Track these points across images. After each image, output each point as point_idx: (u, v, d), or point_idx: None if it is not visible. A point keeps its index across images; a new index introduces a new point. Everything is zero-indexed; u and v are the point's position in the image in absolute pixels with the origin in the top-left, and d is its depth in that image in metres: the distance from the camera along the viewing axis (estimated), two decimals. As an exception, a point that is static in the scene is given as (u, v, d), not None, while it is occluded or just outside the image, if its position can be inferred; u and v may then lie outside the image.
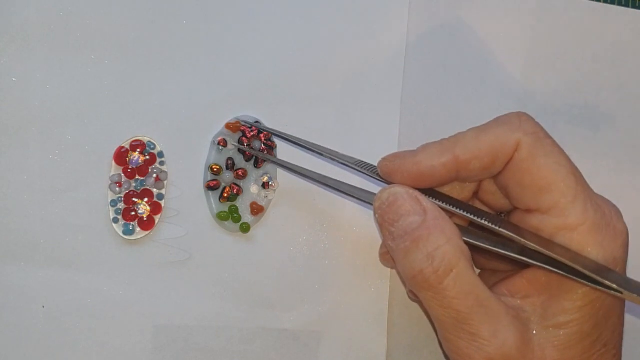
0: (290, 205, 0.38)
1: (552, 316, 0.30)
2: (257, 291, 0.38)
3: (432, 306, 0.30)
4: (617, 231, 0.30)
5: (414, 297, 0.36)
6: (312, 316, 0.38)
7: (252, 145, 0.38)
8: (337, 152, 0.36)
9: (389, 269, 0.39)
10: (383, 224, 0.32)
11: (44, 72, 0.36)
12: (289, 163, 0.37)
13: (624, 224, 0.31)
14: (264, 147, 0.38)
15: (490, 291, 0.30)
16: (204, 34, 0.38)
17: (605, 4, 0.42)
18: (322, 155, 0.36)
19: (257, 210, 0.38)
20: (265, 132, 0.38)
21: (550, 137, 0.32)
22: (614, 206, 0.32)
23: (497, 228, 0.31)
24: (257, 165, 0.38)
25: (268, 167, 0.38)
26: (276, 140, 0.38)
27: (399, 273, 0.39)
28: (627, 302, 0.32)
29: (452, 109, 0.40)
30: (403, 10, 0.40)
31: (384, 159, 0.34)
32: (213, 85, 0.38)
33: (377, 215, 0.32)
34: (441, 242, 0.30)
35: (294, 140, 0.37)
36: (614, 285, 0.28)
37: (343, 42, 0.39)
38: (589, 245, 0.30)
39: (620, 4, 0.43)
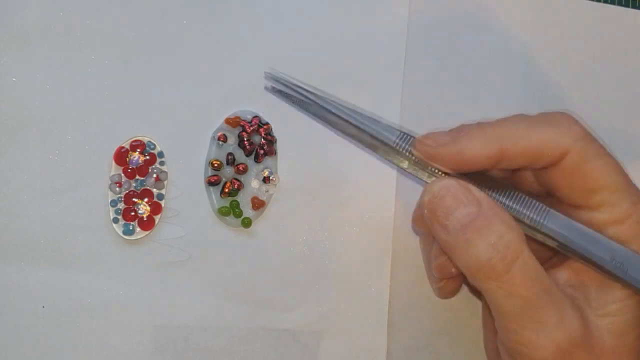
0: (291, 199, 0.38)
1: (602, 305, 0.30)
2: (257, 291, 0.38)
3: (496, 297, 0.30)
4: None
5: (441, 274, 0.35)
6: (312, 316, 0.38)
7: (252, 139, 0.38)
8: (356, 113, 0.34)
9: (389, 269, 0.39)
10: (435, 218, 0.31)
11: (44, 72, 0.36)
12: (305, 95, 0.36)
13: None
14: (264, 141, 0.38)
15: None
16: (203, 34, 0.38)
17: (605, 4, 0.42)
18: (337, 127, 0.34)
19: (258, 204, 0.38)
20: (265, 126, 0.38)
21: (596, 140, 0.32)
22: None
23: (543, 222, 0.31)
24: (257, 160, 0.38)
25: (268, 161, 0.38)
26: (276, 135, 0.38)
27: (426, 244, 0.38)
28: None
29: (452, 109, 0.40)
30: (403, 9, 0.40)
31: (422, 141, 0.32)
32: (213, 84, 0.38)
33: (426, 210, 0.32)
34: (503, 230, 0.30)
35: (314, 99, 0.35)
36: None
37: (343, 41, 0.39)
38: (637, 236, 0.30)
39: (620, 4, 0.43)
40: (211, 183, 0.37)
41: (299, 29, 0.39)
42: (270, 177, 0.38)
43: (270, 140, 0.38)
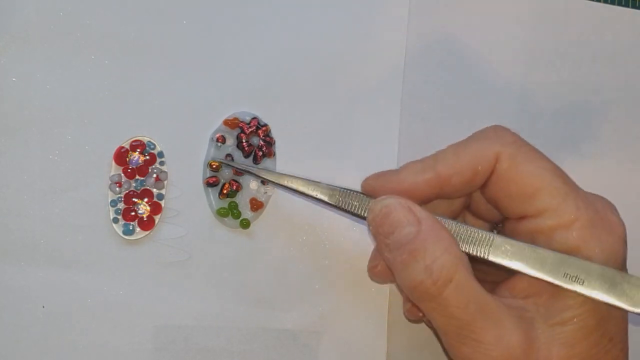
0: (290, 201, 0.38)
1: (555, 313, 0.30)
2: (257, 291, 0.38)
3: (434, 316, 0.30)
4: (612, 224, 0.31)
5: (412, 317, 0.36)
6: (312, 316, 0.38)
7: (251, 141, 0.38)
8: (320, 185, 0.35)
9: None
10: (378, 236, 0.32)
11: (44, 72, 0.36)
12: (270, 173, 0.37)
13: (619, 217, 0.31)
14: (262, 142, 0.38)
15: (492, 295, 0.30)
16: (203, 34, 0.38)
17: (605, 4, 0.42)
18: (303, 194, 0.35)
19: (256, 206, 0.38)
20: (263, 128, 0.38)
21: (529, 144, 0.32)
22: (607, 201, 0.32)
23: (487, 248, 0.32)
24: (256, 161, 0.38)
25: (267, 163, 0.38)
26: (275, 137, 0.38)
27: (397, 287, 0.39)
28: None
29: (452, 110, 0.40)
30: (403, 10, 0.40)
31: (366, 178, 0.34)
32: (213, 86, 0.38)
33: (371, 228, 0.32)
34: (438, 253, 0.30)
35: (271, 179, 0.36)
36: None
37: (343, 42, 0.39)
38: (586, 239, 0.30)
39: (620, 4, 0.43)
40: (210, 184, 0.37)
41: (299, 29, 0.39)
42: None
43: (269, 142, 0.38)
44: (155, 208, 0.37)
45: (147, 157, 0.37)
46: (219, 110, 0.38)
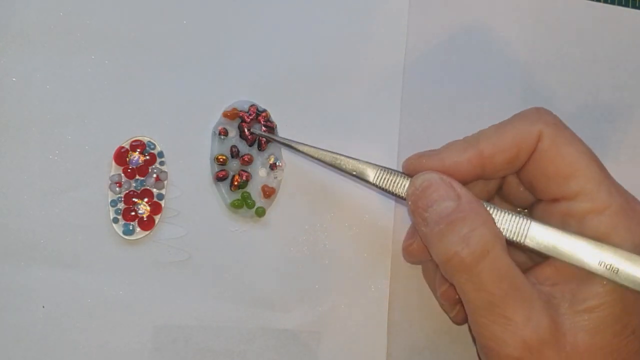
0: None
1: (582, 301, 0.30)
2: (257, 291, 0.38)
3: (466, 290, 0.30)
4: None
5: (446, 300, 0.36)
6: (312, 316, 0.38)
7: (253, 129, 0.38)
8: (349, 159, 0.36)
9: (389, 269, 0.39)
10: (416, 210, 0.32)
11: (44, 72, 0.36)
12: (291, 141, 0.37)
13: None
14: (264, 128, 0.38)
15: (524, 276, 0.31)
16: (203, 34, 0.38)
17: (605, 4, 0.42)
18: (332, 166, 0.36)
19: (269, 192, 0.38)
20: (263, 114, 0.38)
21: (568, 128, 0.32)
22: (633, 195, 0.32)
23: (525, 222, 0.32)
24: (260, 148, 0.38)
25: (272, 148, 0.38)
26: (275, 121, 0.38)
27: (427, 274, 0.39)
28: None
29: (452, 109, 0.40)
30: (403, 10, 0.40)
31: (408, 158, 0.34)
32: (213, 87, 0.38)
33: (409, 202, 0.33)
34: (477, 225, 0.30)
35: (300, 148, 0.37)
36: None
37: (343, 42, 0.39)
38: (617, 227, 0.30)
39: (620, 4, 0.43)
40: (219, 178, 0.37)
41: (299, 29, 0.39)
42: (277, 163, 0.38)
43: (271, 127, 0.38)
44: (155, 208, 0.37)
45: (147, 157, 0.37)
46: (219, 107, 0.38)
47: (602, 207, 0.31)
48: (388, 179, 0.34)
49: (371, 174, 0.35)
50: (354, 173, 0.35)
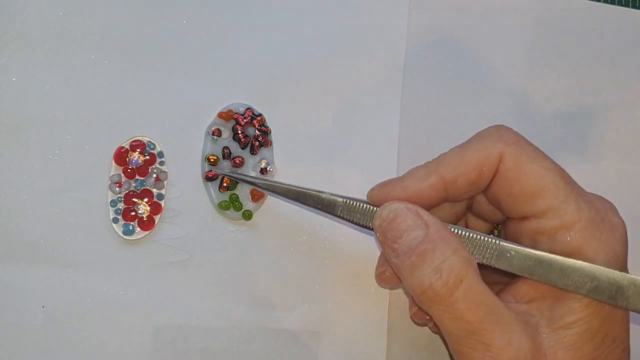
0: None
1: (559, 317, 0.30)
2: (257, 291, 0.38)
3: (443, 320, 0.30)
4: (613, 225, 0.31)
5: (419, 320, 0.36)
6: (312, 316, 0.38)
7: (247, 131, 0.38)
8: (322, 196, 0.34)
9: (389, 269, 0.39)
10: (385, 241, 0.32)
11: (44, 72, 0.36)
12: (254, 177, 0.37)
13: (620, 217, 0.31)
14: (258, 132, 0.38)
15: (499, 299, 0.30)
16: (203, 34, 0.38)
17: (605, 4, 0.42)
18: (307, 204, 0.35)
19: (257, 196, 0.38)
20: (258, 118, 0.38)
21: (531, 144, 0.32)
22: (607, 201, 0.32)
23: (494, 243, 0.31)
24: (253, 151, 0.38)
25: (264, 152, 0.38)
26: (270, 126, 0.38)
27: (404, 290, 0.39)
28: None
29: (452, 110, 0.40)
30: (403, 9, 0.40)
31: (371, 189, 0.34)
32: (212, 87, 0.38)
33: (378, 234, 0.32)
34: (447, 254, 0.30)
35: (276, 190, 0.36)
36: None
37: (342, 42, 0.39)
38: (588, 240, 0.30)
39: (620, 4, 0.43)
40: (209, 178, 0.37)
41: (299, 28, 0.39)
42: (268, 168, 0.38)
43: (265, 131, 0.38)
44: (155, 208, 0.37)
45: (147, 157, 0.37)
46: (218, 108, 0.38)
47: (571, 222, 0.30)
48: (355, 211, 0.34)
49: (337, 207, 0.34)
50: (319, 207, 0.34)
